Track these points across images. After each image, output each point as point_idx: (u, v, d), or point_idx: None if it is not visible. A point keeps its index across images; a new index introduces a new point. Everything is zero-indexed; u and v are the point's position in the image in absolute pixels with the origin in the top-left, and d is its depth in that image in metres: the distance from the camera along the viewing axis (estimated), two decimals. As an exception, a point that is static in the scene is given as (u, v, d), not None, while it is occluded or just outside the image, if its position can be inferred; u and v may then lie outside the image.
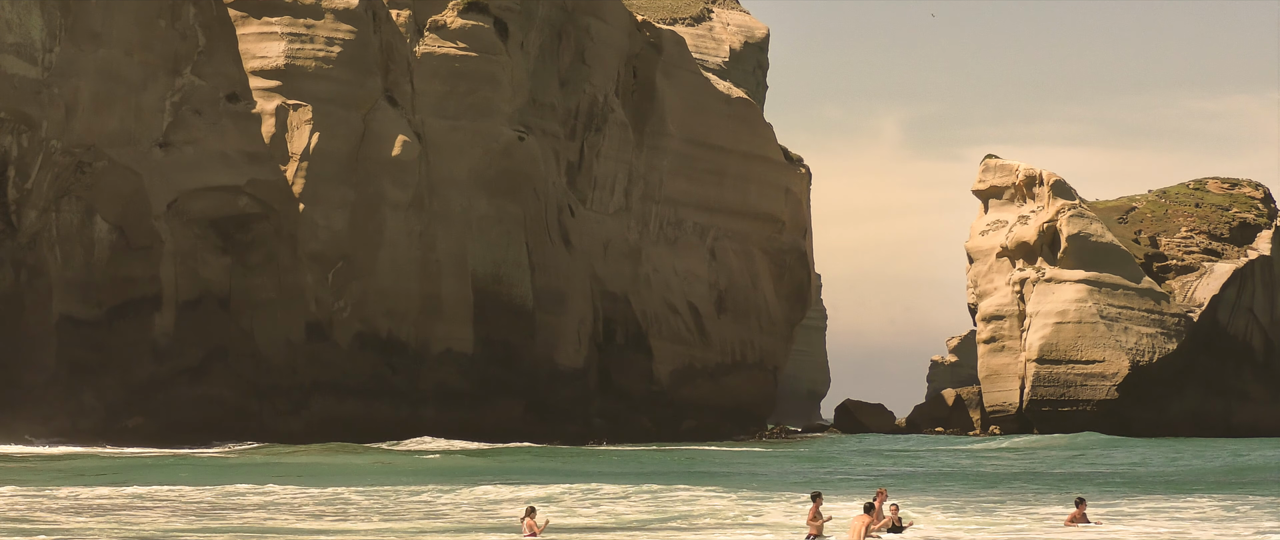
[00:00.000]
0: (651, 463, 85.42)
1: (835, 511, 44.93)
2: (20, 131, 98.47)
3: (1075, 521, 45.23)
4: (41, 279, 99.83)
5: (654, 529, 46.37)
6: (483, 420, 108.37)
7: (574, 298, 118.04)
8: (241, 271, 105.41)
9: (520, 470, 73.57)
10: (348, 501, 54.90)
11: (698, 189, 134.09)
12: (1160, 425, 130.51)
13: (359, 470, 74.87)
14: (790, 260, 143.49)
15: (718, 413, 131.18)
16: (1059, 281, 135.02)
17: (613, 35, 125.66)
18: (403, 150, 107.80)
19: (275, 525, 46.36)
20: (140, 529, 44.70)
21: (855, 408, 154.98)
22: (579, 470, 74.73)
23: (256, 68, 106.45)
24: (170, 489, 59.56)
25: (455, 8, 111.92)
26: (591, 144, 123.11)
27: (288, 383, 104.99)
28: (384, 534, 44.26)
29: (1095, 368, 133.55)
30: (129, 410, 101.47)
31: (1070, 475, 77.18)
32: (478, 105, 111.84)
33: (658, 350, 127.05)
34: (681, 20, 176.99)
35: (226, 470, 73.21)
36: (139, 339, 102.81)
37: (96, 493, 57.26)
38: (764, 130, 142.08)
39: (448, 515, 50.46)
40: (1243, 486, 66.71)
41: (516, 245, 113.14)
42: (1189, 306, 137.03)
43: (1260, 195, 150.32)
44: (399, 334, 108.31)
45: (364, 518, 49.15)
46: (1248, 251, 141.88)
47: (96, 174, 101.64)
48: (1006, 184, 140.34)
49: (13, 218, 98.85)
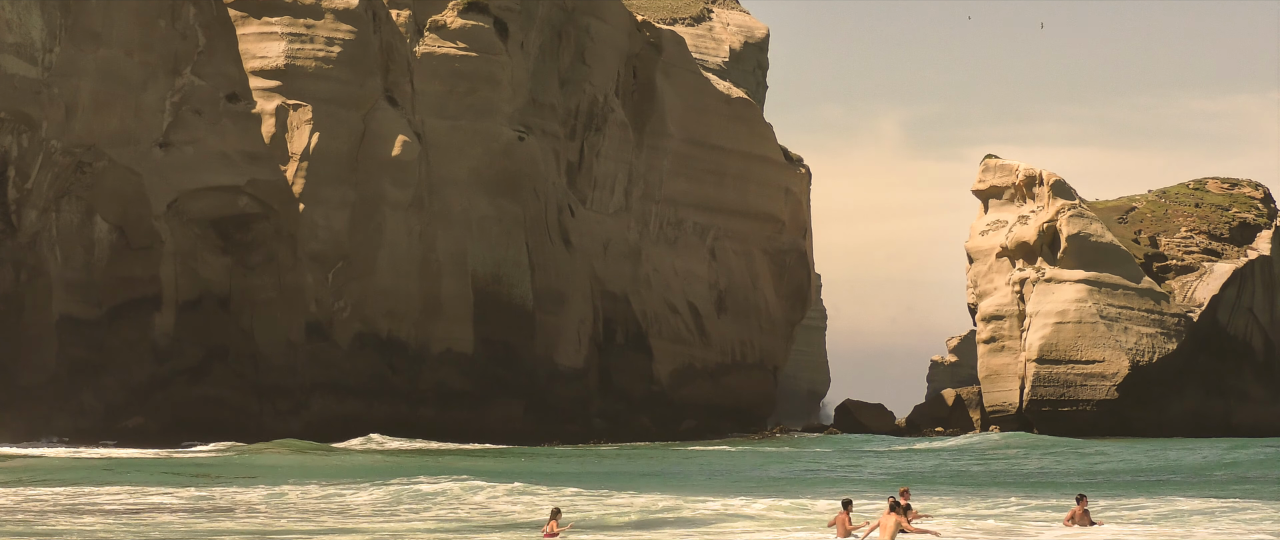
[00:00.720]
0: (576, 462, 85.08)
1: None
2: (20, 131, 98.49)
3: (1075, 519, 45.12)
4: (41, 279, 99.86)
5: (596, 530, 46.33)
6: (483, 420, 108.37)
7: (574, 298, 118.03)
8: (241, 271, 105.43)
9: (452, 469, 72.51)
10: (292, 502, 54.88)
11: (698, 189, 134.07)
12: (1160, 425, 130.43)
13: (296, 470, 73.81)
14: (790, 260, 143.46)
15: (718, 413, 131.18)
16: (1059, 281, 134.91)
17: (613, 35, 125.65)
18: (403, 150, 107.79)
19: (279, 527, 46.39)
20: (141, 529, 44.68)
21: (855, 408, 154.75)
22: (511, 470, 74.18)
23: (256, 68, 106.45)
24: (172, 488, 59.52)
25: (455, 8, 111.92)
26: (591, 144, 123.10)
27: (288, 383, 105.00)
28: (407, 534, 44.24)
29: (1095, 368, 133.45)
30: (129, 410, 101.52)
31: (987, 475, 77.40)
32: (478, 105, 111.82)
33: (658, 350, 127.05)
34: (681, 20, 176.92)
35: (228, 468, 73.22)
36: (139, 339, 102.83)
37: (97, 493, 57.22)
38: (764, 130, 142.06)
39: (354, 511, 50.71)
40: (1138, 487, 66.54)
41: (516, 245, 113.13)
42: (1189, 306, 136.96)
43: (1260, 195, 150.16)
44: (399, 334, 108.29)
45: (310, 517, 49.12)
46: (1248, 251, 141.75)
47: (96, 174, 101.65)
48: (1006, 184, 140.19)
49: (13, 218, 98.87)
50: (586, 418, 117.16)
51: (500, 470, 73.27)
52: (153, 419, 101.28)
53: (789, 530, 45.12)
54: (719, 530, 45.87)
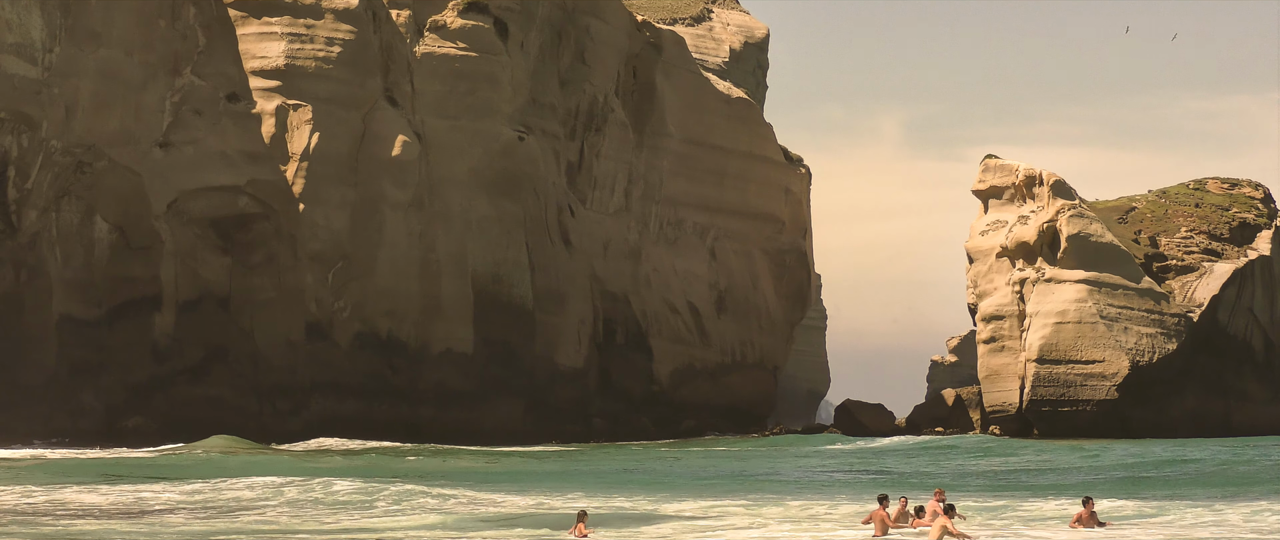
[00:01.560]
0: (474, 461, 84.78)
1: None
2: (20, 131, 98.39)
3: (1082, 522, 45.02)
4: (41, 279, 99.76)
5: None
6: (482, 420, 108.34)
7: (574, 298, 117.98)
8: (241, 271, 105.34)
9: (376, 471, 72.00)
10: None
11: (698, 189, 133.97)
12: (1160, 425, 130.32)
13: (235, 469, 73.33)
14: (790, 260, 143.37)
15: (718, 413, 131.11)
16: (1059, 281, 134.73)
17: (613, 35, 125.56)
18: (403, 150, 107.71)
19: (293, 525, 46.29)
20: (141, 529, 44.58)
21: (855, 408, 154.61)
22: (435, 471, 73.74)
23: (256, 68, 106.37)
24: (170, 489, 59.42)
25: (455, 8, 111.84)
26: (591, 144, 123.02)
27: (288, 383, 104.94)
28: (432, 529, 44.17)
29: (1095, 368, 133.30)
30: (129, 410, 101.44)
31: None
32: (478, 105, 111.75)
33: (658, 350, 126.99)
34: (681, 20, 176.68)
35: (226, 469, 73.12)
36: (139, 339, 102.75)
37: (96, 493, 57.12)
38: (764, 130, 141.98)
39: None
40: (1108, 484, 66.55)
41: (516, 245, 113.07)
42: (1189, 306, 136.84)
43: (1260, 195, 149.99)
44: (399, 334, 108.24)
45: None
46: (1248, 251, 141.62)
47: (96, 174, 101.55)
48: (1006, 184, 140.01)
49: (13, 218, 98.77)
50: (586, 418, 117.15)
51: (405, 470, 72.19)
52: (153, 419, 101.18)
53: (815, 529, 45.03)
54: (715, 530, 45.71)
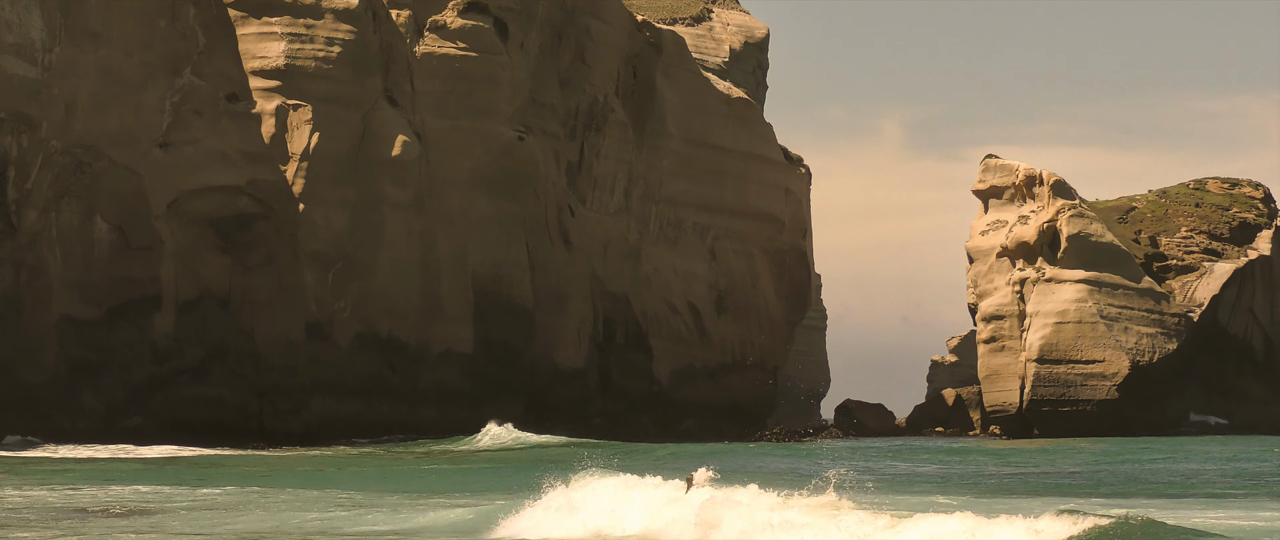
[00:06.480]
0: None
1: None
2: (20, 131, 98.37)
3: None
4: (41, 279, 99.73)
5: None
6: (483, 420, 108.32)
7: (574, 298, 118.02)
8: (241, 271, 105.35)
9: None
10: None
11: (698, 189, 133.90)
12: (1160, 425, 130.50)
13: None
14: (790, 260, 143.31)
15: (718, 413, 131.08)
16: (1059, 281, 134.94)
17: (613, 35, 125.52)
18: (403, 150, 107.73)
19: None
20: (142, 529, 44.61)
21: (855, 408, 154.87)
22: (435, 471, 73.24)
23: (256, 68, 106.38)
24: (169, 489, 59.44)
25: (455, 8, 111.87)
26: (591, 144, 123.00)
27: (288, 383, 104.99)
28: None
29: (1095, 368, 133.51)
30: (129, 410, 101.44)
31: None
32: (478, 105, 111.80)
33: (658, 350, 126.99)
34: (681, 20, 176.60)
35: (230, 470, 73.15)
36: (139, 339, 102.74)
37: (97, 493, 57.15)
38: (764, 130, 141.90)
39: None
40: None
41: (516, 245, 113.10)
42: (1189, 306, 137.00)
43: (1260, 195, 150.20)
44: (399, 334, 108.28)
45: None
46: (1248, 251, 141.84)
47: (96, 174, 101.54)
48: (1006, 184, 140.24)
49: (13, 218, 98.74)
50: (586, 418, 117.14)
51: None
52: (153, 419, 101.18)
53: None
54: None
